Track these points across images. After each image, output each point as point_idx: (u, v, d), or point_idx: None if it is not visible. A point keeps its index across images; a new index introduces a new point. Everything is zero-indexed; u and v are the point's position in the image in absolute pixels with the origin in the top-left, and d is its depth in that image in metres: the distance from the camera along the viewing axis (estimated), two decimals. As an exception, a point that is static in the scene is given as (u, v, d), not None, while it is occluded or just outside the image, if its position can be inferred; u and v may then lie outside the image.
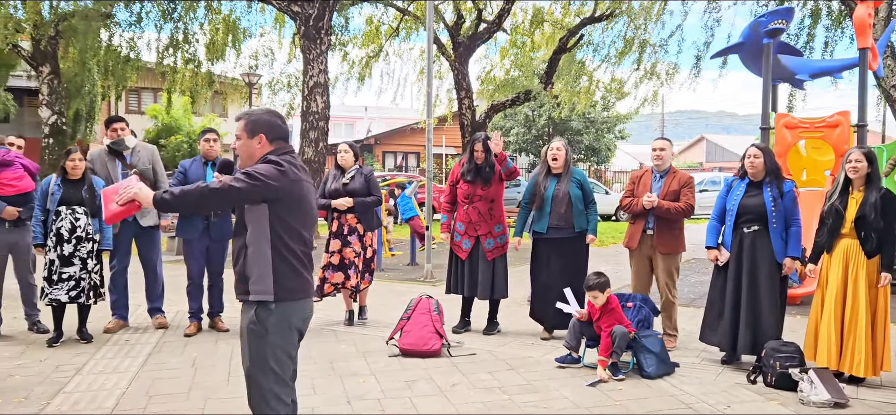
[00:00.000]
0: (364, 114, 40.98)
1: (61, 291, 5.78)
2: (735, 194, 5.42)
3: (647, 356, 5.05)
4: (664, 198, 5.82)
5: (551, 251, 6.15)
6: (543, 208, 6.14)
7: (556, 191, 6.12)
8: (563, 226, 6.10)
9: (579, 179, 6.23)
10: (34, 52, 17.46)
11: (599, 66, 21.63)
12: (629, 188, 6.16)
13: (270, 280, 3.00)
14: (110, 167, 6.42)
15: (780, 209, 5.16)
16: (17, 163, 6.21)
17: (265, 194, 2.95)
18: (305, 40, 15.24)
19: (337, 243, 6.56)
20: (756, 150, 5.33)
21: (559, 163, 6.18)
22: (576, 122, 28.74)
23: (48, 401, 4.53)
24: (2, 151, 6.21)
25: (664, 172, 5.98)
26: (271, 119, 3.17)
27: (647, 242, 5.93)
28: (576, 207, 6.09)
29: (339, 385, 4.89)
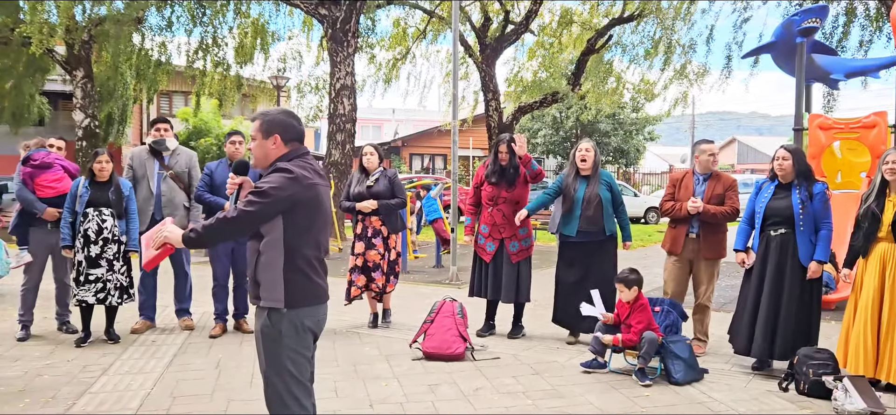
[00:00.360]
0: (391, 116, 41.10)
1: (89, 292, 5.84)
2: (763, 196, 5.30)
3: (675, 362, 4.94)
4: (709, 201, 5.68)
5: (579, 255, 6.05)
6: (573, 212, 6.03)
7: (586, 193, 6.00)
8: (592, 229, 5.99)
9: (608, 181, 6.13)
10: (68, 56, 17.77)
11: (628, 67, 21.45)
12: (669, 191, 6.00)
13: (281, 289, 2.98)
14: (148, 166, 6.49)
15: (809, 212, 5.02)
16: (56, 165, 6.30)
17: (278, 208, 2.92)
18: (332, 43, 15.30)
19: (361, 246, 6.54)
20: (785, 151, 5.21)
21: (588, 164, 6.07)
22: (604, 123, 28.47)
23: (74, 401, 4.56)
24: (42, 154, 6.31)
25: (707, 175, 5.83)
26: (287, 120, 3.14)
27: (689, 247, 5.79)
28: (606, 210, 5.98)
29: (361, 388, 4.86)
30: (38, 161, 6.23)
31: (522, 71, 23.15)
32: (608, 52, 21.19)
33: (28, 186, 6.20)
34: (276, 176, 2.96)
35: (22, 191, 6.22)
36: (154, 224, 6.35)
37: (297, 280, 3.00)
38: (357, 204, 6.51)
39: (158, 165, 6.50)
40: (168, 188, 6.46)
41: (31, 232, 6.28)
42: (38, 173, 6.21)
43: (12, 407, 4.45)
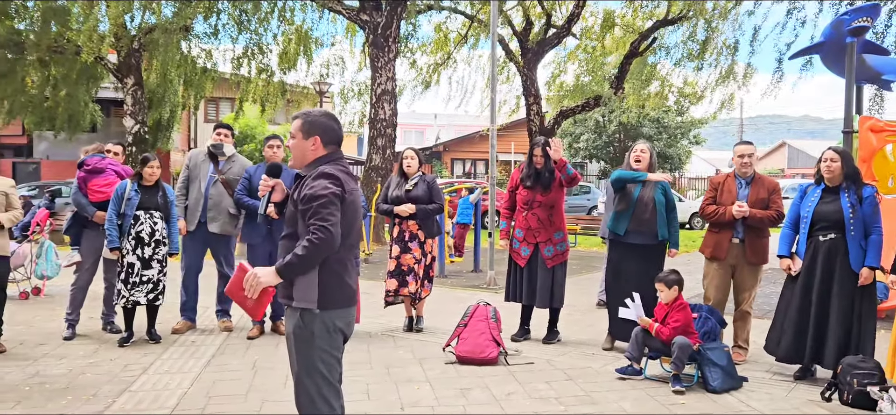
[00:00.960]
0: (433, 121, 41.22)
1: (141, 293, 5.99)
2: (809, 200, 5.14)
3: (713, 370, 4.83)
4: (753, 205, 5.53)
5: (628, 257, 5.91)
6: (626, 211, 5.89)
7: (642, 194, 5.87)
8: (643, 231, 5.84)
9: (663, 186, 5.97)
10: (119, 64, 18.30)
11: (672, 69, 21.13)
12: (710, 195, 5.84)
13: (315, 291, 3.00)
14: (202, 169, 6.63)
15: (859, 216, 4.86)
16: (109, 170, 6.48)
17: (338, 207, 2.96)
18: (374, 48, 15.44)
19: (397, 249, 6.57)
20: (833, 153, 5.05)
21: (643, 165, 5.94)
22: (648, 127, 28.06)
23: (114, 399, 4.68)
24: (96, 159, 6.49)
25: (750, 179, 5.68)
26: (328, 122, 3.17)
27: (733, 252, 5.64)
28: (660, 214, 5.83)
29: (393, 391, 4.87)
30: (91, 166, 6.41)
31: (564, 74, 23.01)
32: (652, 55, 20.91)
33: (82, 189, 6.39)
34: (321, 181, 2.99)
35: (76, 194, 6.41)
36: (199, 226, 6.51)
37: (330, 282, 3.03)
38: (395, 208, 6.53)
39: (212, 168, 6.62)
40: (216, 192, 6.58)
41: (83, 234, 6.47)
42: (91, 178, 6.40)
43: (56, 404, 4.58)
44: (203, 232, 6.55)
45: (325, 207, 2.93)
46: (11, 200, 5.86)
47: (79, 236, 6.47)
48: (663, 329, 4.98)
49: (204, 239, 6.61)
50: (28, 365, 5.46)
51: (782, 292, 5.31)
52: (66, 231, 6.58)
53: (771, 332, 5.28)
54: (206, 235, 6.58)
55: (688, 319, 5.00)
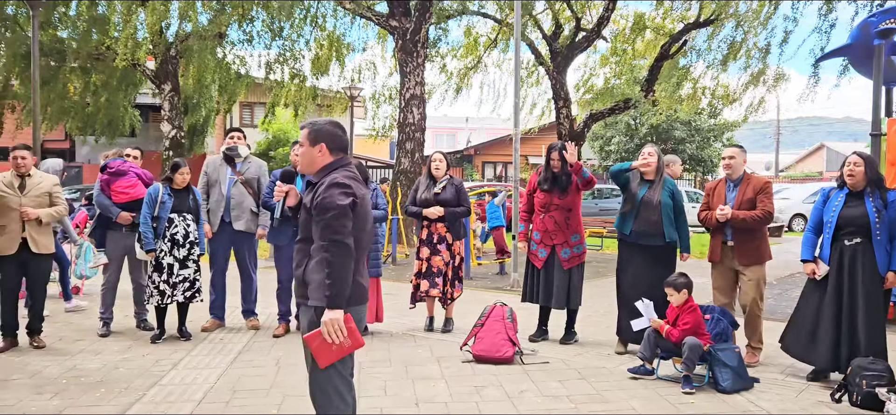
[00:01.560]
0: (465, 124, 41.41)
1: (179, 292, 6.27)
2: (833, 205, 5.18)
3: (723, 370, 4.90)
4: (739, 207, 5.61)
5: (636, 257, 6.00)
6: (631, 211, 6.00)
7: (646, 196, 5.96)
8: (649, 231, 5.93)
9: (671, 189, 6.05)
10: (157, 71, 18.84)
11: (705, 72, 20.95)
12: (705, 201, 5.96)
13: None
14: (221, 172, 6.89)
15: (885, 220, 4.90)
16: (131, 172, 6.78)
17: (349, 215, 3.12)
18: (402, 53, 15.66)
19: (426, 251, 6.73)
20: (857, 157, 5.09)
21: (651, 169, 6.03)
22: (679, 130, 27.83)
23: (144, 392, 4.92)
24: (118, 162, 6.80)
25: (738, 181, 5.76)
26: (334, 130, 3.35)
27: (728, 255, 5.74)
28: (666, 216, 5.93)
29: (409, 388, 5.03)
30: (114, 169, 6.71)
31: (594, 77, 22.98)
32: (683, 57, 20.78)
33: (105, 192, 6.69)
34: (333, 191, 3.14)
35: (100, 197, 6.72)
36: (223, 226, 6.76)
37: None
38: (424, 210, 6.70)
39: (230, 171, 6.88)
40: (238, 192, 6.83)
41: (108, 235, 6.76)
42: (114, 180, 6.69)
43: (90, 396, 4.84)
44: (228, 232, 6.80)
45: (337, 220, 3.09)
46: (55, 199, 6.17)
47: (103, 238, 6.77)
48: (673, 331, 5.07)
49: (229, 238, 6.85)
50: (66, 360, 5.75)
51: (803, 294, 5.35)
52: (91, 233, 6.89)
53: (788, 330, 5.32)
54: (231, 235, 6.82)
55: (698, 320, 5.07)
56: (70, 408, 4.59)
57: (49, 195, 6.12)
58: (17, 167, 5.99)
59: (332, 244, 3.05)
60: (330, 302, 3.04)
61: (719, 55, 19.69)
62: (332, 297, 3.03)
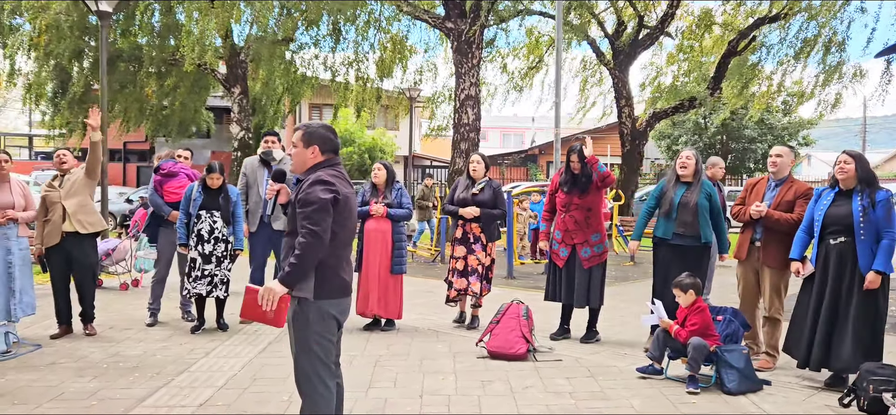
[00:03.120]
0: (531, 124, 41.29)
1: (202, 285, 6.65)
2: (822, 204, 5.09)
3: (729, 372, 4.86)
4: (776, 207, 5.53)
5: (673, 258, 5.99)
6: (670, 215, 6.01)
7: (683, 198, 5.98)
8: (688, 234, 5.93)
9: (708, 191, 6.04)
10: (228, 75, 19.70)
11: (776, 69, 20.27)
12: (741, 196, 5.92)
13: (312, 282, 3.39)
14: (258, 175, 7.26)
15: (870, 220, 4.77)
16: (181, 173, 7.23)
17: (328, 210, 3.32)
18: (457, 55, 15.86)
19: (462, 250, 6.90)
20: (847, 156, 4.99)
21: (688, 171, 6.03)
22: (750, 129, 26.93)
23: (173, 377, 5.28)
24: (169, 163, 7.26)
25: (780, 181, 5.68)
26: (325, 133, 3.58)
27: (754, 254, 5.68)
28: (702, 218, 5.92)
29: (418, 381, 5.21)
30: (166, 170, 7.16)
31: (661, 76, 22.58)
32: (752, 53, 20.17)
33: (158, 191, 7.15)
34: (316, 188, 3.36)
35: (153, 196, 7.19)
36: (263, 225, 7.11)
37: (325, 274, 3.41)
38: (460, 210, 6.88)
39: (267, 173, 7.22)
40: None
41: (159, 232, 7.22)
42: (166, 181, 7.15)
43: (125, 379, 5.23)
44: (266, 230, 7.15)
45: (317, 213, 3.30)
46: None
47: (156, 235, 7.23)
48: (681, 331, 5.06)
49: (268, 237, 7.20)
50: (111, 346, 6.20)
51: (799, 296, 5.27)
52: (145, 230, 7.37)
53: (789, 333, 5.25)
54: (270, 234, 7.17)
55: (706, 321, 5.05)
56: (104, 390, 4.98)
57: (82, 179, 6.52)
58: (59, 166, 6.52)
59: (308, 233, 3.27)
60: (283, 278, 3.27)
61: (791, 51, 19.03)
62: (288, 275, 3.27)
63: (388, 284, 6.69)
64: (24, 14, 18.62)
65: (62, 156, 6.53)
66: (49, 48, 18.17)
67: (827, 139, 40.22)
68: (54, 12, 17.50)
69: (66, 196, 6.40)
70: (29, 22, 18.57)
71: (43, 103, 21.00)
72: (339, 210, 3.41)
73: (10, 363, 5.64)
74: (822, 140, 35.09)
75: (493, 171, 33.17)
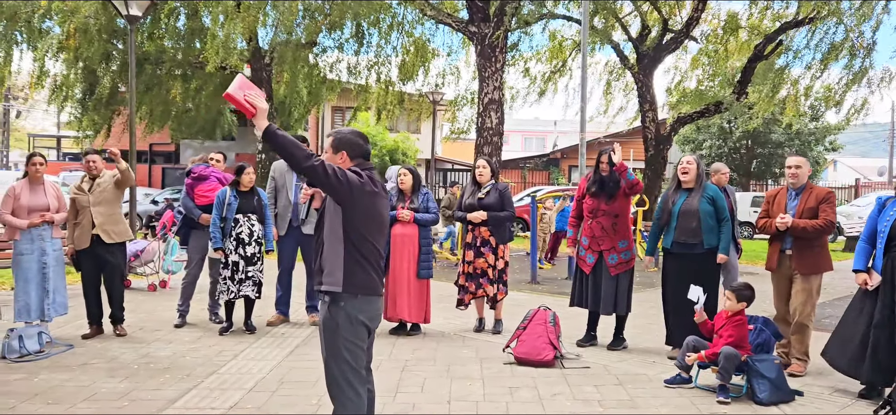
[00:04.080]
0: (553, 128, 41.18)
1: (248, 288, 6.71)
2: (888, 215, 5.00)
3: (761, 382, 4.80)
4: (800, 216, 5.52)
5: (679, 266, 6.02)
6: (670, 223, 6.07)
7: (684, 206, 6.00)
8: (689, 241, 5.95)
9: (712, 195, 6.04)
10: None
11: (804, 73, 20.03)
12: (764, 208, 5.90)
13: (340, 274, 3.41)
14: (287, 178, 7.29)
15: None
16: (212, 177, 7.30)
17: (342, 190, 3.32)
18: (481, 59, 15.85)
19: (470, 254, 6.92)
20: None
21: (689, 177, 6.05)
22: (777, 134, 26.63)
23: (203, 379, 5.33)
24: (201, 167, 7.33)
25: (800, 190, 5.66)
26: (354, 139, 3.60)
27: (785, 263, 5.66)
28: (705, 223, 5.91)
29: (446, 387, 5.21)
30: (197, 173, 7.24)
31: (685, 80, 22.40)
32: (779, 57, 19.94)
33: (190, 194, 7.22)
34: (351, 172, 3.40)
35: (185, 199, 7.26)
36: (291, 229, 7.16)
37: (354, 269, 3.42)
38: (467, 215, 6.89)
39: (296, 176, 7.27)
40: None
41: (191, 234, 7.30)
42: (198, 184, 7.22)
43: (156, 381, 5.29)
44: (295, 234, 7.19)
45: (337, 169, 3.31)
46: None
47: (187, 237, 7.31)
48: (717, 342, 5.00)
49: (296, 240, 7.25)
50: (141, 347, 6.28)
51: (852, 304, 5.19)
52: (177, 232, 7.45)
53: (832, 341, 5.17)
54: (299, 237, 7.21)
55: (743, 336, 4.99)
56: (136, 391, 5.04)
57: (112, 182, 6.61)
58: (88, 170, 6.61)
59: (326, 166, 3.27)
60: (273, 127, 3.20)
61: (819, 54, 18.79)
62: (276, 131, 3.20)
63: (415, 288, 6.71)
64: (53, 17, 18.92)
65: (92, 160, 6.61)
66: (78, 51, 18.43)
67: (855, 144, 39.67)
68: (84, 15, 17.74)
69: (95, 203, 6.49)
70: (58, 25, 18.86)
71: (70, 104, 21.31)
72: (366, 207, 3.41)
73: (43, 363, 5.73)
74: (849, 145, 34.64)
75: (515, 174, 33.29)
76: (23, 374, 5.42)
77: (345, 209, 3.40)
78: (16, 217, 6.14)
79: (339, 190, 3.33)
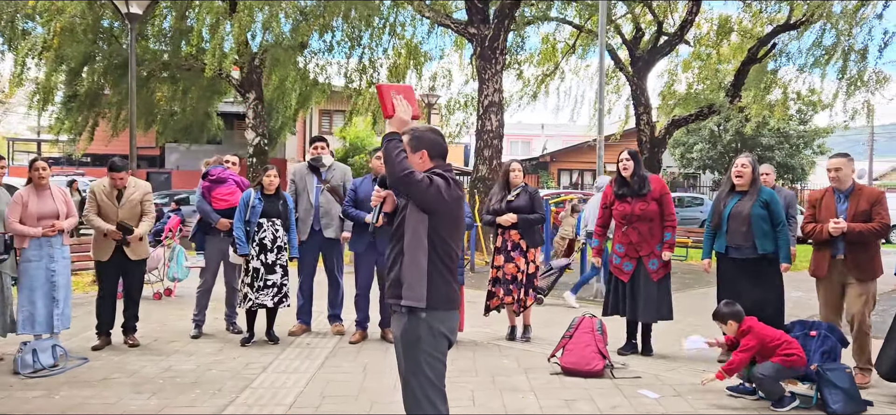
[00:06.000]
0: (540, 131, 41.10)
1: (267, 296, 6.36)
2: None
3: (833, 392, 4.59)
4: (853, 219, 5.30)
5: (735, 273, 5.77)
6: (720, 227, 5.83)
7: (735, 209, 5.76)
8: (742, 245, 5.70)
9: (766, 199, 5.77)
10: (242, 80, 19.42)
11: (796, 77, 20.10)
12: (809, 212, 5.66)
13: (424, 289, 3.14)
14: (308, 181, 6.97)
15: None
16: (230, 180, 6.95)
17: (434, 201, 3.09)
18: (481, 61, 15.60)
19: (500, 259, 6.67)
20: None
21: (744, 180, 5.79)
22: (767, 137, 26.75)
23: (237, 394, 5.01)
24: (218, 170, 6.99)
25: (848, 192, 5.43)
26: (434, 137, 3.33)
27: (836, 269, 5.43)
28: (757, 228, 5.66)
29: (498, 399, 4.94)
30: (214, 176, 6.89)
31: (676, 83, 22.38)
32: (772, 61, 19.99)
33: (206, 198, 6.87)
34: (439, 177, 3.16)
35: (201, 203, 6.91)
36: (313, 234, 6.83)
37: (437, 281, 3.17)
38: (498, 218, 6.63)
39: (317, 179, 6.96)
40: (325, 200, 6.90)
41: (207, 240, 6.94)
42: (215, 187, 6.87)
43: (186, 397, 4.95)
44: (317, 239, 6.88)
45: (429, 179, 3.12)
46: (145, 207, 6.38)
47: (203, 243, 6.95)
48: (736, 357, 4.77)
49: (318, 246, 6.93)
50: (161, 360, 5.92)
51: None
52: (192, 238, 7.10)
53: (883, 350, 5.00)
54: (320, 242, 6.90)
55: (761, 338, 4.76)
56: (168, 408, 4.70)
57: (140, 203, 6.34)
58: (115, 186, 6.25)
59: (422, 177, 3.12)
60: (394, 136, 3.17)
61: (811, 58, 18.86)
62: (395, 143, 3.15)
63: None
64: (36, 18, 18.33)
65: (118, 178, 6.25)
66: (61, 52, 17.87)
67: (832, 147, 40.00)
68: (69, 15, 17.21)
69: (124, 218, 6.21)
70: (42, 25, 18.27)
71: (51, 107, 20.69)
72: (451, 213, 3.18)
73: (60, 379, 5.36)
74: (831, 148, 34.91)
75: (502, 178, 33.12)
76: (41, 390, 5.06)
77: (431, 217, 3.14)
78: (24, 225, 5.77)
79: (433, 198, 3.10)
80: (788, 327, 5.17)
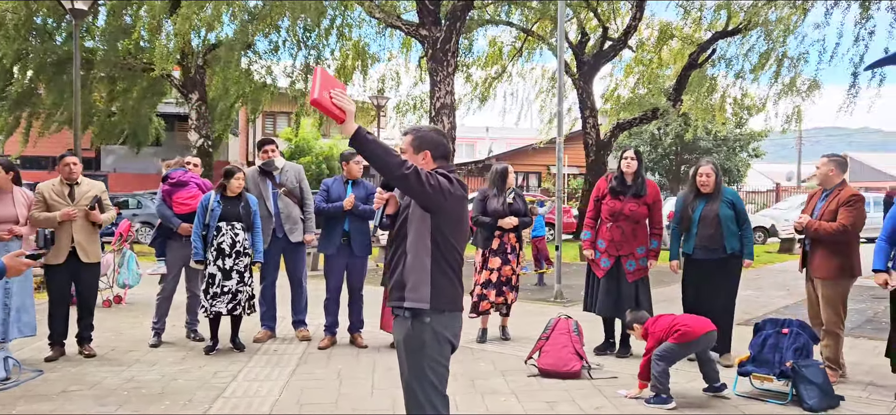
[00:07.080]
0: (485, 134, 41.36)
1: (222, 303, 6.11)
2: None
3: (809, 388, 4.71)
4: (822, 217, 5.44)
5: (700, 273, 5.92)
6: (690, 230, 5.95)
7: (704, 211, 5.89)
8: (711, 246, 5.84)
9: (731, 199, 5.98)
10: (184, 80, 18.86)
11: (734, 82, 20.76)
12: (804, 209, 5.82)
13: (427, 289, 3.06)
14: (262, 186, 6.75)
15: None
16: (192, 183, 6.69)
17: (437, 198, 2.99)
18: (432, 63, 15.55)
19: (497, 261, 6.64)
20: None
21: (709, 188, 5.95)
22: (705, 140, 27.59)
23: (210, 404, 4.81)
24: (180, 172, 6.71)
25: (829, 192, 5.58)
26: (437, 138, 3.25)
27: (809, 266, 5.58)
28: (726, 228, 5.83)
29: (480, 403, 4.89)
30: (175, 179, 6.62)
31: (620, 88, 22.83)
32: (712, 66, 20.61)
33: (166, 202, 6.59)
34: (442, 175, 3.06)
35: (161, 207, 6.62)
36: (275, 240, 6.63)
37: (441, 283, 3.09)
38: (500, 220, 6.59)
39: (271, 184, 6.76)
40: (284, 205, 6.72)
41: (168, 245, 6.66)
42: (176, 191, 6.60)
43: (155, 407, 4.73)
44: (279, 244, 6.69)
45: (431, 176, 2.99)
46: (104, 205, 6.09)
47: (164, 247, 6.68)
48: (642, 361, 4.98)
49: (279, 250, 6.74)
50: (122, 370, 5.65)
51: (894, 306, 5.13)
52: (151, 243, 6.80)
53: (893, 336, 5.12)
54: (282, 246, 6.71)
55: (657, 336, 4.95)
56: (137, 421, 4.48)
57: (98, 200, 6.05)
58: (68, 175, 5.92)
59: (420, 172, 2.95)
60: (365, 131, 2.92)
61: (748, 64, 19.51)
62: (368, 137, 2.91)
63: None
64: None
65: (72, 163, 5.92)
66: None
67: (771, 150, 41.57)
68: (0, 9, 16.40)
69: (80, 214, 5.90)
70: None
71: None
72: (454, 213, 3.10)
73: (15, 392, 5.05)
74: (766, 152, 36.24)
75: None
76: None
77: (434, 216, 3.05)
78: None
79: (433, 198, 2.99)
80: (760, 324, 5.28)
